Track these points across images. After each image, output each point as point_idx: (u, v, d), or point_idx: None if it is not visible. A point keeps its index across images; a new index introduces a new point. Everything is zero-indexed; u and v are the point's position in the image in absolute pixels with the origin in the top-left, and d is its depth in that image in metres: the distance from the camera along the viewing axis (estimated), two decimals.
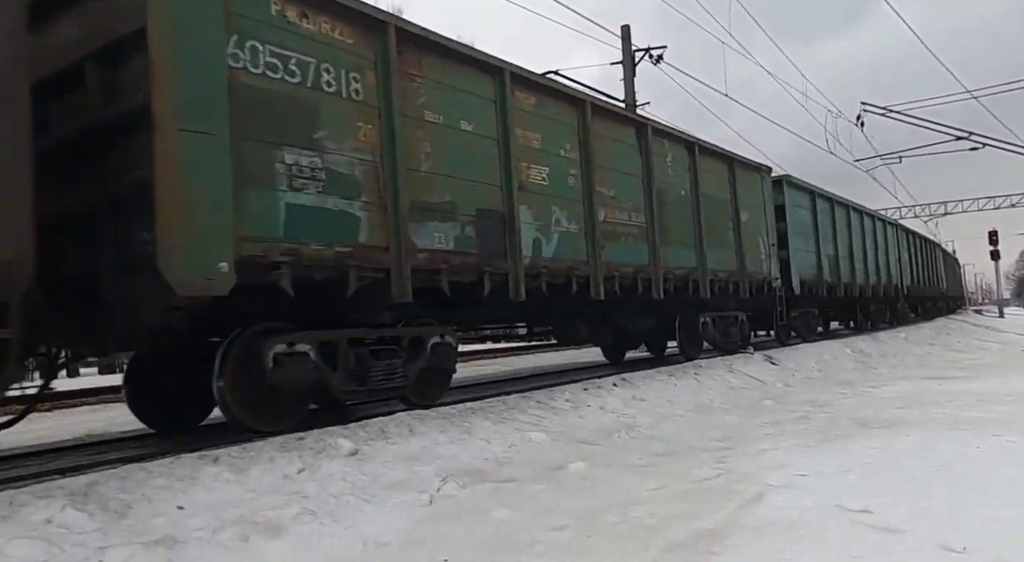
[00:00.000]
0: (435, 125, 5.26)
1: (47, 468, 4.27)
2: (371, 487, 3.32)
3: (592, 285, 6.74)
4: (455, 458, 3.92)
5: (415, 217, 4.96)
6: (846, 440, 4.36)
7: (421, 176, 5.08)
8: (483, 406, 5.14)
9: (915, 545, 2.42)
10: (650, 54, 15.86)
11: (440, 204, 5.24)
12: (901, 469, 3.52)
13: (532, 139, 6.20)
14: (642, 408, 5.75)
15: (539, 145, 6.27)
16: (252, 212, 3.95)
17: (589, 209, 6.75)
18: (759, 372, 8.21)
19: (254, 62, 4.05)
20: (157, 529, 2.65)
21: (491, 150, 5.75)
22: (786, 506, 2.95)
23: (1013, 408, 5.34)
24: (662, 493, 3.30)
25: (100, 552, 2.42)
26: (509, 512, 3.05)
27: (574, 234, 6.57)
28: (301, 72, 4.30)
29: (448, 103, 5.40)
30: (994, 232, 30.91)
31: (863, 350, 11.60)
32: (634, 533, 2.73)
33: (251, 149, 3.98)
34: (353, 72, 4.63)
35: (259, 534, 2.71)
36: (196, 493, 3.00)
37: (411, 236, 4.90)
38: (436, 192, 5.22)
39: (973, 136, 16.16)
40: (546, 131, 6.39)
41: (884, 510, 2.81)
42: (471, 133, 5.60)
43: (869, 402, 6.16)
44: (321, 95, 4.42)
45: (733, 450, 4.23)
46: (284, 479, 3.28)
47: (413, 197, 4.96)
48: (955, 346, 14.91)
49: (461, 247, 5.35)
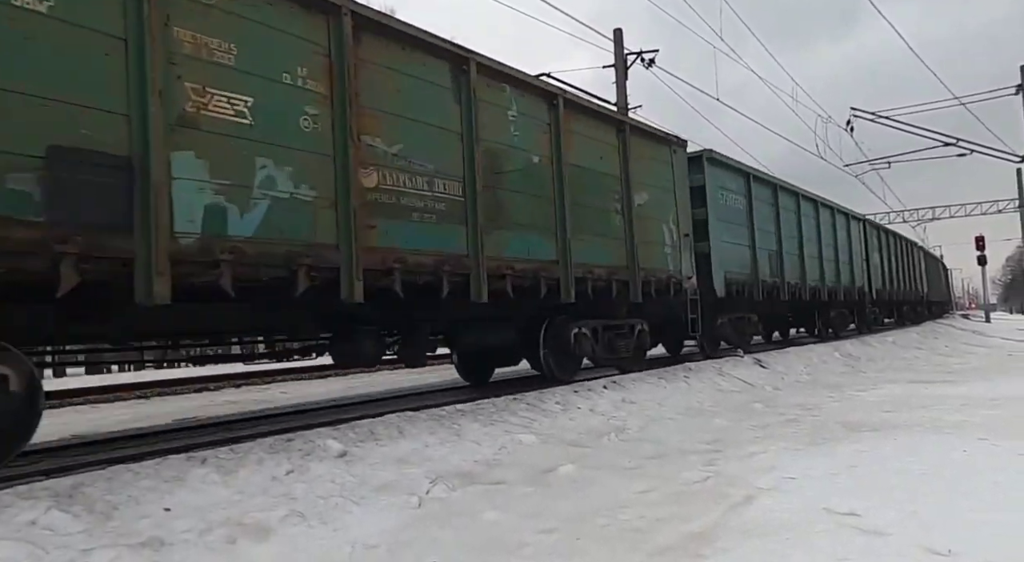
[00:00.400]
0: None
1: (32, 469, 4.22)
2: (360, 489, 3.30)
3: (345, 281, 4.51)
4: (444, 460, 3.91)
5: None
6: (834, 443, 4.38)
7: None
8: (473, 408, 5.14)
9: (901, 548, 2.44)
10: (642, 58, 15.94)
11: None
12: (888, 472, 3.54)
13: (215, 47, 3.95)
14: (632, 411, 5.76)
15: (231, 60, 4.03)
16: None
17: (343, 167, 4.54)
18: (748, 375, 8.24)
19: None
20: (143, 531, 2.63)
21: (99, 48, 3.47)
22: (774, 509, 2.97)
23: (999, 412, 5.39)
24: (651, 496, 3.30)
25: (85, 554, 2.39)
26: (498, 514, 3.05)
27: (306, 203, 4.36)
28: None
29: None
30: (981, 237, 31.19)
31: (851, 354, 11.68)
32: (623, 536, 2.73)
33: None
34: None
35: (246, 536, 2.69)
36: (183, 494, 2.98)
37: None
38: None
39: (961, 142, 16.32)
40: (251, 40, 4.14)
41: (871, 513, 2.83)
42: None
43: (857, 405, 6.20)
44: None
45: (722, 453, 4.25)
46: (272, 481, 3.26)
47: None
48: (942, 350, 15.04)
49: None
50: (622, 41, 15.83)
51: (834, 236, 14.54)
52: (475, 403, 5.38)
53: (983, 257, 31.74)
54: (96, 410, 8.22)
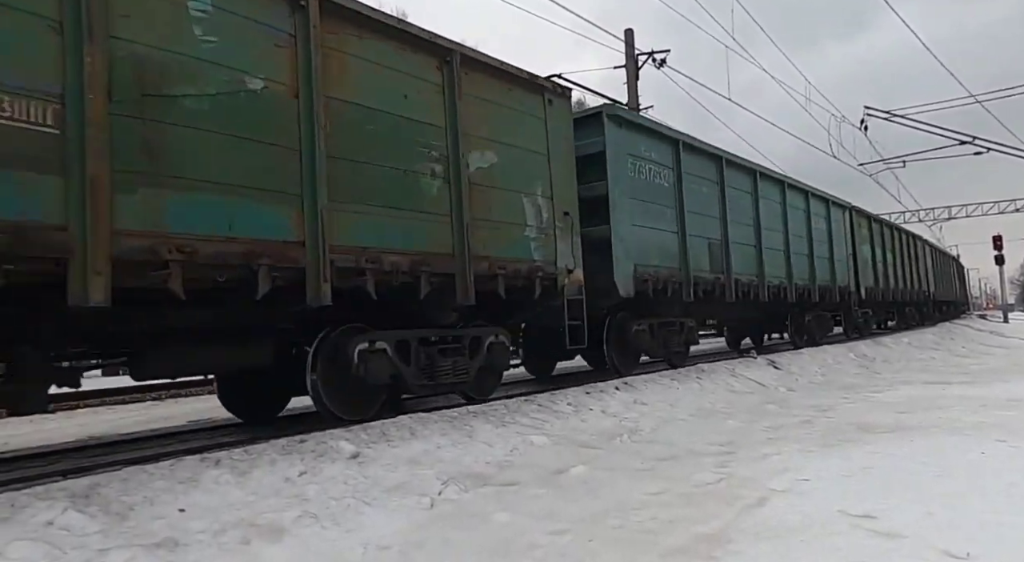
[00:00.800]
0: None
1: (49, 470, 4.28)
2: (372, 490, 3.31)
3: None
4: (456, 461, 3.92)
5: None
6: (848, 445, 4.34)
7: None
8: (484, 409, 5.14)
9: (917, 550, 2.41)
10: (653, 58, 15.90)
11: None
12: (903, 474, 3.51)
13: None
14: (644, 412, 5.74)
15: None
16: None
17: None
18: (762, 376, 8.19)
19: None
20: (158, 531, 2.65)
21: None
22: (788, 511, 2.94)
23: (1017, 413, 5.32)
24: (663, 497, 3.29)
25: (101, 554, 2.42)
26: (510, 516, 3.05)
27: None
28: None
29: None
30: (998, 237, 30.82)
31: (866, 354, 11.57)
32: (635, 537, 2.72)
33: None
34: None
35: (260, 537, 2.71)
36: (197, 495, 3.01)
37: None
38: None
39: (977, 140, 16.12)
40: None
41: (886, 515, 2.80)
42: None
43: (872, 407, 6.14)
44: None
45: (735, 455, 4.22)
46: (285, 482, 3.28)
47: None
48: (959, 351, 14.86)
49: None
50: (633, 41, 15.80)
51: (808, 225, 12.22)
52: (487, 404, 5.38)
53: (1001, 257, 31.35)
54: (112, 411, 8.32)
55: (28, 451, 5.17)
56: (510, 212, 5.98)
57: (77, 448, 5.30)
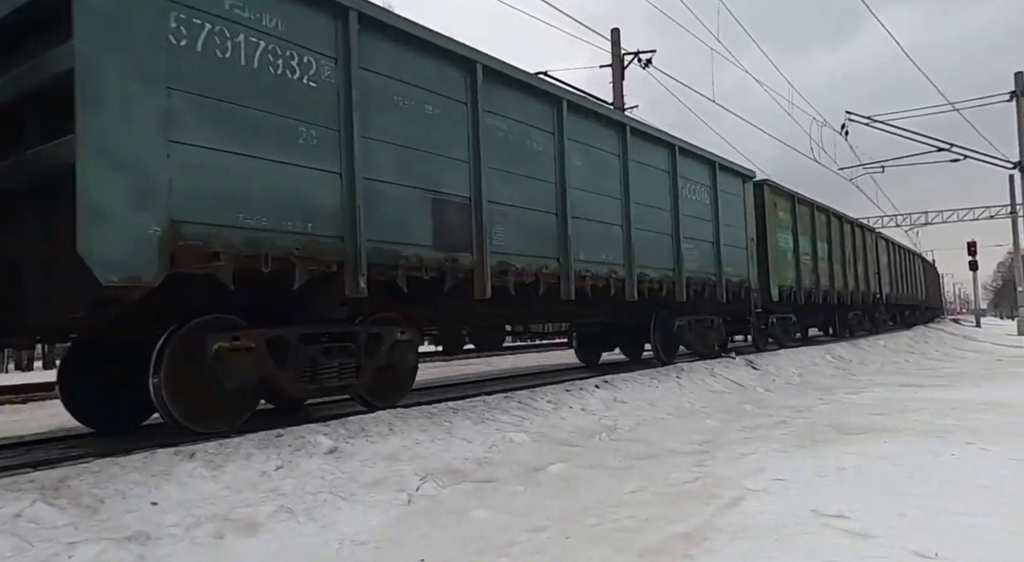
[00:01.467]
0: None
1: (17, 461, 4.19)
2: (349, 485, 3.29)
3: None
4: (435, 457, 3.90)
5: None
6: (823, 445, 4.40)
7: None
8: (464, 406, 5.13)
9: (888, 550, 2.44)
10: (639, 58, 15.95)
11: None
12: (876, 475, 3.56)
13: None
14: (623, 410, 5.77)
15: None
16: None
17: None
18: (740, 376, 8.27)
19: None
20: (129, 525, 2.61)
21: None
22: (763, 510, 2.97)
23: (988, 416, 5.43)
24: (641, 496, 3.31)
25: (70, 547, 2.37)
26: (488, 513, 3.04)
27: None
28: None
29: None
30: (973, 243, 31.44)
31: (842, 356, 11.73)
32: (612, 535, 2.73)
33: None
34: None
35: (234, 532, 2.68)
36: (171, 489, 2.97)
37: None
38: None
39: (954, 148, 16.40)
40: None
41: (859, 515, 2.84)
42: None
43: (847, 408, 6.23)
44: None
45: (712, 454, 4.26)
46: (261, 476, 3.25)
47: None
48: (933, 355, 15.14)
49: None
50: (619, 41, 15.84)
51: (673, 193, 8.79)
52: (467, 401, 5.37)
53: (975, 262, 32.00)
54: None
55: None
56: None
57: (47, 439, 5.20)
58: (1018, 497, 3.08)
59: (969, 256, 31.80)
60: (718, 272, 9.66)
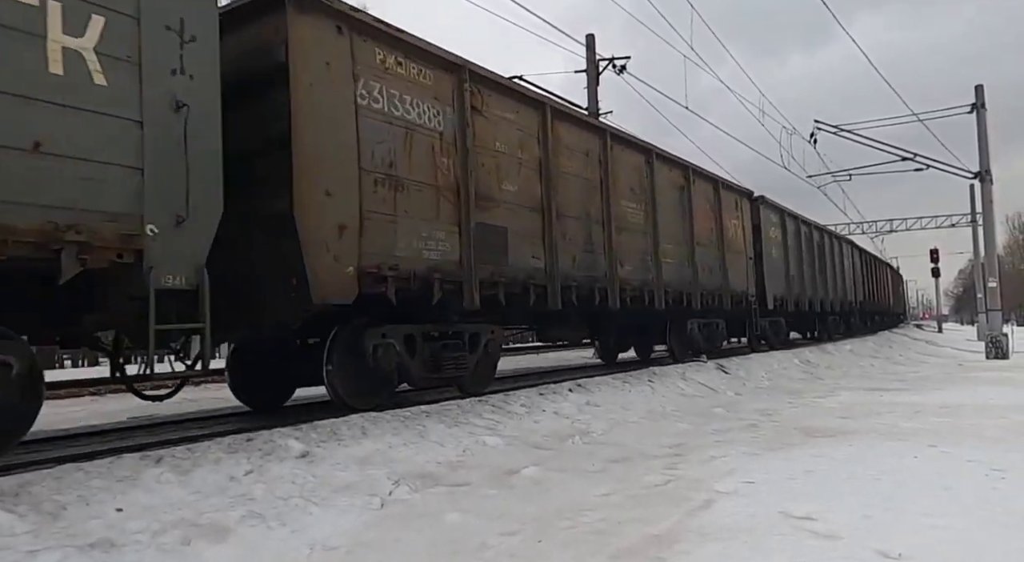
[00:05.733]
0: None
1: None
2: (321, 490, 3.26)
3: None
4: (408, 461, 3.88)
5: None
6: (792, 448, 4.47)
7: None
8: (438, 409, 5.11)
9: (854, 551, 2.50)
10: (613, 64, 16.08)
11: None
12: (843, 477, 3.63)
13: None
14: (596, 414, 5.80)
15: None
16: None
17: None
18: (711, 380, 8.37)
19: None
20: (93, 532, 2.55)
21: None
22: (733, 512, 3.01)
23: (949, 419, 5.57)
24: (613, 499, 3.33)
25: (31, 556, 2.31)
26: (461, 516, 3.03)
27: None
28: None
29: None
30: (935, 250, 32.28)
31: (810, 361, 11.96)
32: (585, 538, 2.74)
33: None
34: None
35: (202, 537, 2.63)
36: (136, 495, 2.90)
37: None
38: None
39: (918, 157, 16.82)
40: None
41: (826, 517, 2.89)
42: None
43: (815, 412, 6.35)
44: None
45: (684, 457, 4.30)
46: (230, 481, 3.20)
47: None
48: (897, 359, 15.50)
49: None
50: (594, 46, 15.95)
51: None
52: (440, 405, 5.35)
53: (937, 269, 32.84)
54: (47, 406, 7.94)
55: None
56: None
57: None
58: (976, 497, 3.17)
59: (932, 263, 32.64)
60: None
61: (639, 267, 8.77)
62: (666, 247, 9.37)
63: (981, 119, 15.68)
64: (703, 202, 10.79)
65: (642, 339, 11.79)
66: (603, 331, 10.20)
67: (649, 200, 9.10)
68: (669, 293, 9.40)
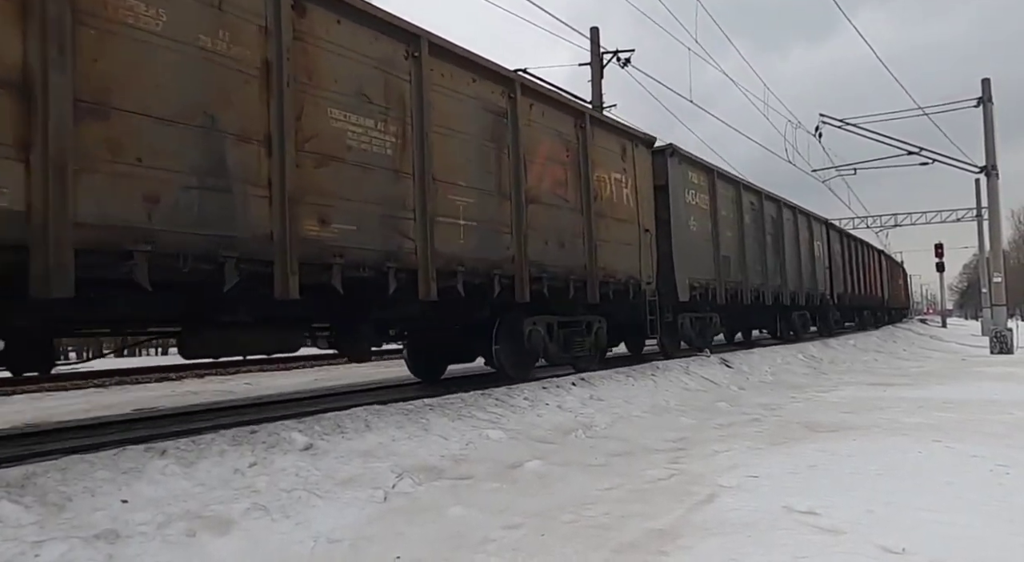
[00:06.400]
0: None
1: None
2: (324, 483, 3.26)
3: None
4: (411, 455, 3.89)
5: None
6: (795, 443, 4.47)
7: None
8: (441, 403, 5.12)
9: (857, 546, 2.50)
10: (618, 57, 16.00)
11: None
12: (846, 472, 3.63)
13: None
14: (599, 408, 5.80)
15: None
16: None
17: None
18: (714, 375, 8.36)
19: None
20: (98, 523, 2.56)
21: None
22: (736, 507, 3.01)
23: (953, 414, 5.56)
24: (616, 493, 3.33)
25: (36, 546, 2.32)
26: (464, 510, 3.04)
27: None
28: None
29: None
30: (940, 245, 32.19)
31: (814, 355, 11.94)
32: (588, 532, 2.75)
33: None
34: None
35: (206, 529, 2.64)
36: (141, 486, 2.91)
37: None
38: None
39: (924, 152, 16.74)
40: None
41: (829, 512, 2.89)
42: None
43: (818, 406, 6.34)
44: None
45: (687, 451, 4.30)
46: (234, 473, 3.21)
47: None
48: (900, 354, 15.48)
49: None
50: (598, 40, 15.88)
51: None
52: (443, 398, 5.36)
53: (941, 264, 32.77)
54: (51, 398, 7.99)
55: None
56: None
57: (12, 436, 5.07)
58: (979, 493, 3.17)
59: (936, 258, 32.55)
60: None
61: (380, 226, 4.95)
62: (452, 198, 5.59)
63: (988, 113, 15.59)
64: (549, 140, 6.88)
65: (444, 351, 8.02)
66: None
67: (408, 117, 5.23)
68: (462, 272, 5.59)
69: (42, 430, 5.23)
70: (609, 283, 7.68)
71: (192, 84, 3.85)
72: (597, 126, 7.77)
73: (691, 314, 10.24)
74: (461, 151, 5.79)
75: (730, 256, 11.05)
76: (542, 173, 6.79)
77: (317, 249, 4.45)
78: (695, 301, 9.86)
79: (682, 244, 9.46)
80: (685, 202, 9.79)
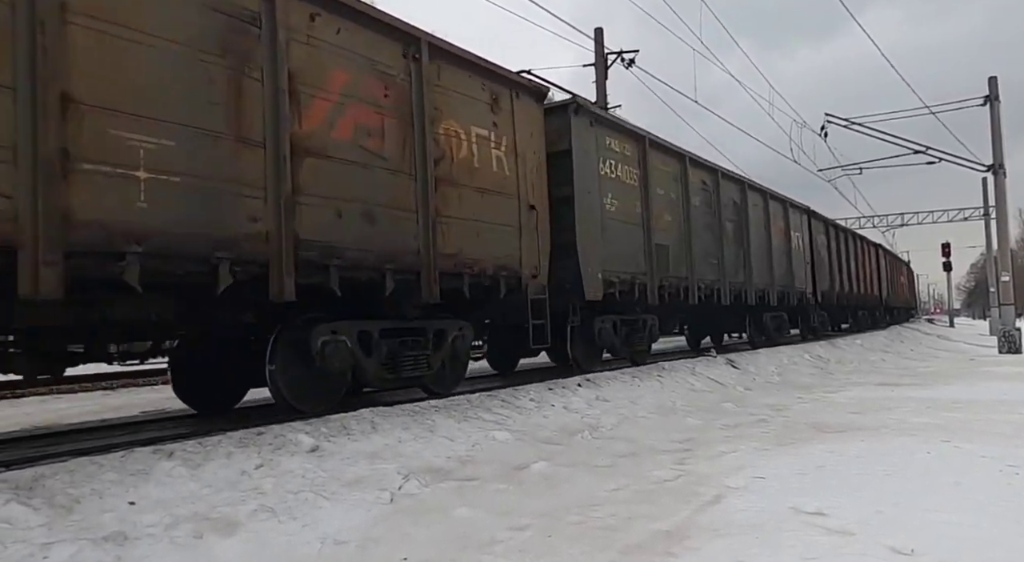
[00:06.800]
0: None
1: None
2: (331, 484, 3.27)
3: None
4: (417, 456, 3.89)
5: None
6: (802, 444, 4.45)
7: None
8: (447, 404, 5.12)
9: (866, 547, 2.48)
10: (622, 58, 16.00)
11: None
12: (854, 473, 3.61)
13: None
14: (605, 409, 5.79)
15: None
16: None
17: None
18: (720, 375, 8.34)
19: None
20: (106, 525, 2.57)
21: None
22: (743, 508, 3.00)
23: (961, 415, 5.53)
24: (623, 494, 3.32)
25: (45, 548, 2.33)
26: (470, 511, 3.04)
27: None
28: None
29: None
30: (947, 244, 32.04)
31: (821, 356, 11.90)
32: (594, 533, 2.74)
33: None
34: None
35: (213, 531, 2.65)
36: (149, 488, 2.92)
37: None
38: None
39: (930, 150, 16.67)
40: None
41: (837, 512, 2.88)
42: None
43: (825, 407, 6.31)
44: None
45: (693, 452, 4.29)
46: (241, 475, 3.22)
47: None
48: (908, 354, 15.40)
49: None
50: (603, 40, 15.88)
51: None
52: (449, 399, 5.36)
53: (948, 263, 32.62)
54: (60, 401, 8.04)
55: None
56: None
57: (21, 438, 5.10)
58: (988, 493, 3.14)
59: (943, 257, 32.41)
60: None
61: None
62: (120, 135, 3.45)
63: (995, 111, 15.51)
64: (350, 70, 4.77)
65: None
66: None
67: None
68: (137, 255, 3.47)
69: (51, 432, 5.26)
70: (464, 276, 5.57)
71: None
72: (444, 60, 5.58)
73: (615, 317, 8.15)
74: (148, 65, 3.60)
75: (668, 245, 8.89)
76: (334, 115, 4.64)
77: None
78: (614, 300, 7.72)
79: (590, 228, 7.30)
80: (599, 174, 7.62)
